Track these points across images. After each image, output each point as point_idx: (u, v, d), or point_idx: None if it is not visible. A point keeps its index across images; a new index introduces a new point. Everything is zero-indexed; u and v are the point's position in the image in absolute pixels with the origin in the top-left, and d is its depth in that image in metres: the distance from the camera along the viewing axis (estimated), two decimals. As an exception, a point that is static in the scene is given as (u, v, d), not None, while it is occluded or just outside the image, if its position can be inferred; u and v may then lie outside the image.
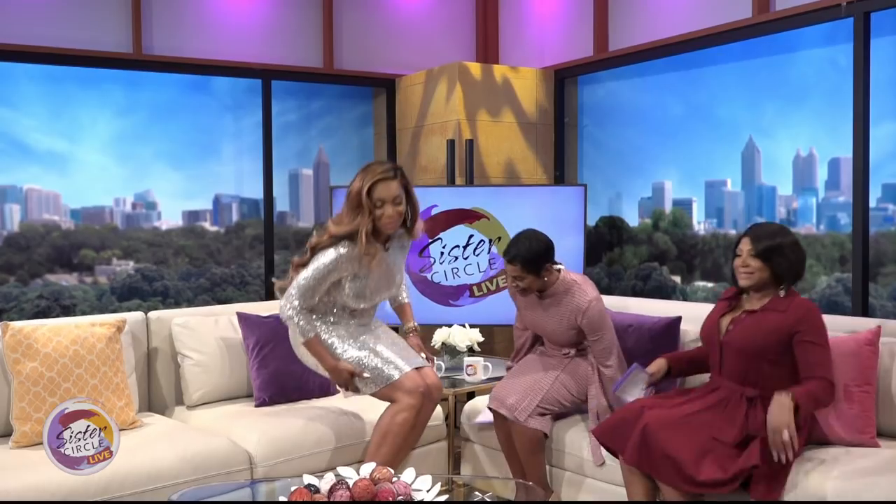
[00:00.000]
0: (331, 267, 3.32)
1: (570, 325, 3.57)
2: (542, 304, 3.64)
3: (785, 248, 3.12)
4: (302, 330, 3.37)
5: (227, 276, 5.16)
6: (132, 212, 4.88)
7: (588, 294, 3.54)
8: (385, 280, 3.50)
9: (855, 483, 2.85)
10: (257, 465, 3.42)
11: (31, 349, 3.33)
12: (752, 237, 3.16)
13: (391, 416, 3.40)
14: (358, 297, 3.44)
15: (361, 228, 3.25)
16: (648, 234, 5.02)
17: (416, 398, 3.40)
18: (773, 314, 3.11)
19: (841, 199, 4.16)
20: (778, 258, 3.12)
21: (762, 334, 3.10)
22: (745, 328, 3.16)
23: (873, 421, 3.21)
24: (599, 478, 3.45)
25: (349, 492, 2.49)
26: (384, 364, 3.43)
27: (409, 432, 3.42)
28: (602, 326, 3.53)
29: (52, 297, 4.61)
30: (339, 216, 3.37)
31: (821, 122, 4.20)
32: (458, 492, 3.77)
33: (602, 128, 5.29)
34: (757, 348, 3.11)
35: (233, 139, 5.14)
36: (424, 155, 5.36)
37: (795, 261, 3.14)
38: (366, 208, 3.27)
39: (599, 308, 3.54)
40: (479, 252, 4.76)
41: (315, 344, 3.39)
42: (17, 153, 4.50)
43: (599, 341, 3.54)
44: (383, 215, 3.31)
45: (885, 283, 4.01)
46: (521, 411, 3.50)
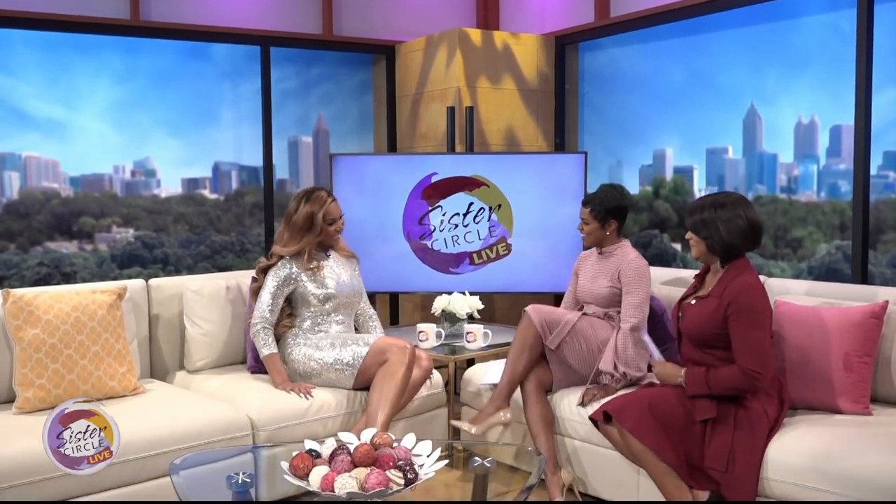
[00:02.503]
0: (282, 282, 3.77)
1: (614, 281, 3.70)
2: (597, 265, 3.81)
3: (715, 221, 3.09)
4: (265, 344, 3.71)
5: (226, 243, 5.16)
6: (131, 179, 4.87)
7: (635, 254, 3.75)
8: (345, 282, 3.88)
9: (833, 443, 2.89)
10: (259, 431, 3.44)
11: (33, 316, 3.34)
12: (686, 210, 3.17)
13: (384, 376, 3.54)
14: (322, 298, 3.79)
15: (307, 247, 3.79)
16: (649, 202, 5.01)
17: (401, 349, 3.58)
18: (713, 301, 3.11)
19: (842, 166, 4.15)
20: (705, 232, 3.10)
21: (703, 322, 3.12)
22: (691, 316, 3.19)
23: (868, 391, 3.23)
24: (596, 442, 3.48)
25: (350, 457, 2.52)
26: (355, 345, 3.68)
27: (405, 386, 3.57)
28: (639, 284, 3.64)
29: (52, 265, 4.61)
30: (283, 238, 3.83)
31: (823, 88, 4.18)
32: (457, 457, 3.81)
33: (603, 95, 5.26)
34: (702, 337, 3.14)
35: (232, 106, 5.12)
36: (424, 122, 5.34)
37: (727, 234, 3.07)
38: (317, 227, 3.79)
39: (641, 267, 3.68)
40: (479, 219, 4.76)
41: (271, 361, 3.72)
42: (15, 120, 4.48)
43: (631, 295, 3.64)
44: (335, 230, 3.87)
45: (884, 250, 4.01)
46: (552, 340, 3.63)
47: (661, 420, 3.04)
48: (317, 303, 3.80)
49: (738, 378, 3.01)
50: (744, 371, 3.00)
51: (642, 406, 3.07)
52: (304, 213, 3.79)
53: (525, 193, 4.72)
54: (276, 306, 3.76)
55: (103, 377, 3.45)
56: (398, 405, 3.56)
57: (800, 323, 3.32)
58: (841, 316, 3.27)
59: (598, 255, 3.85)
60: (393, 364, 3.56)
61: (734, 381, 3.02)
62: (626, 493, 3.40)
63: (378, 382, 3.55)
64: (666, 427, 3.03)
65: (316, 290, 3.79)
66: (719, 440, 2.99)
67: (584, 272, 3.90)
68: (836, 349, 3.23)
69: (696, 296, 3.23)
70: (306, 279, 3.79)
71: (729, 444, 2.97)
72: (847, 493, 2.73)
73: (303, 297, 3.81)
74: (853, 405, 3.19)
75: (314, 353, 3.72)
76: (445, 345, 4.32)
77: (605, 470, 3.48)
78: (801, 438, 2.96)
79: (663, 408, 3.06)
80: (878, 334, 3.25)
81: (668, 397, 3.10)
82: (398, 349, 3.60)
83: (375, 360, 3.62)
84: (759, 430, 2.98)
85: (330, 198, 3.86)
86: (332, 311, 3.84)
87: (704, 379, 3.06)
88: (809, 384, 3.26)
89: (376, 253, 4.78)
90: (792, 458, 2.89)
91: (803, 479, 2.84)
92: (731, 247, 3.10)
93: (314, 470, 2.49)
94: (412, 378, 3.65)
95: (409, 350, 3.61)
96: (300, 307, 3.84)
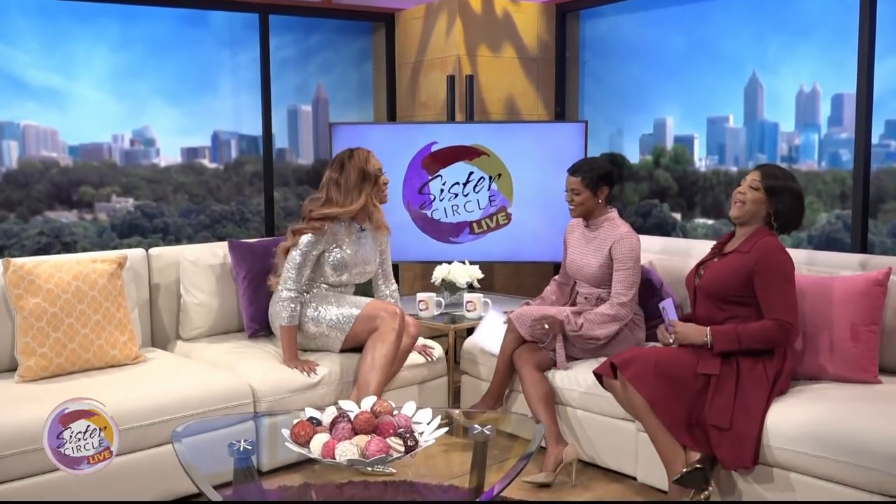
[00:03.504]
0: (312, 246, 3.69)
1: (606, 258, 3.64)
2: (586, 237, 3.74)
3: (792, 191, 3.16)
4: (290, 315, 3.64)
5: (226, 212, 5.15)
6: (130, 148, 4.86)
7: (626, 227, 3.67)
8: (362, 260, 3.82)
9: (833, 411, 2.90)
10: (260, 399, 3.46)
11: (34, 285, 3.35)
12: (764, 172, 3.20)
13: (374, 342, 3.56)
14: (337, 268, 3.74)
15: (369, 201, 3.76)
16: (649, 171, 5.00)
17: (392, 314, 3.58)
18: (738, 255, 3.16)
19: (843, 135, 4.13)
20: (782, 197, 3.14)
21: (725, 277, 3.16)
22: (713, 272, 3.22)
23: (876, 359, 3.24)
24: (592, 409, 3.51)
25: (351, 424, 2.53)
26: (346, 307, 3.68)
27: (396, 352, 3.59)
28: (630, 260, 3.60)
29: (52, 234, 4.61)
30: (337, 200, 3.73)
31: (825, 56, 4.16)
32: (457, 425, 3.83)
33: (604, 63, 5.23)
34: (721, 291, 3.17)
35: (230, 75, 5.09)
36: (424, 91, 5.31)
37: (795, 208, 3.17)
38: (372, 178, 3.75)
39: (634, 243, 3.62)
40: (479, 189, 4.75)
41: (289, 333, 3.66)
42: (13, 89, 4.46)
43: (623, 272, 3.59)
44: (384, 182, 3.81)
45: (884, 219, 4.01)
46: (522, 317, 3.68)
47: (665, 375, 3.07)
48: (331, 272, 3.77)
49: (771, 330, 3.05)
50: (778, 323, 3.05)
51: (648, 360, 3.11)
52: (354, 168, 3.75)
53: (525, 163, 4.71)
54: (305, 273, 3.72)
55: (105, 346, 3.46)
56: (389, 371, 3.57)
57: (805, 293, 3.31)
58: (846, 285, 3.28)
59: (584, 228, 3.77)
60: (384, 331, 3.57)
61: (767, 333, 3.06)
62: (626, 460, 3.44)
63: (369, 349, 3.57)
64: (668, 382, 3.06)
65: (331, 274, 3.76)
66: (722, 398, 3.02)
67: (571, 246, 3.83)
68: (842, 319, 3.24)
69: (720, 255, 3.26)
70: (331, 257, 3.74)
71: (731, 402, 3.00)
72: (844, 459, 2.75)
73: (319, 263, 3.77)
74: (862, 374, 3.21)
75: (306, 311, 3.71)
76: (445, 314, 4.34)
77: (603, 437, 3.50)
78: (802, 406, 2.98)
79: (668, 363, 3.10)
80: (883, 303, 3.26)
81: (676, 355, 3.14)
82: (388, 315, 3.60)
83: (366, 325, 3.63)
84: (762, 390, 3.02)
85: (369, 152, 3.82)
86: (347, 282, 3.83)
87: (735, 334, 3.08)
88: (817, 354, 3.27)
89: (376, 222, 4.78)
90: (790, 426, 2.91)
91: (800, 447, 2.86)
92: (791, 221, 3.19)
93: (315, 437, 2.50)
94: (402, 344, 3.67)
95: (400, 315, 3.62)
96: (314, 273, 3.79)
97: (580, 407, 3.57)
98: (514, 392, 3.86)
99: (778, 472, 2.93)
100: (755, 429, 2.95)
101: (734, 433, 2.97)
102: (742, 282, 3.12)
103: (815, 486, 2.84)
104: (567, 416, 3.62)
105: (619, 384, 3.19)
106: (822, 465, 2.81)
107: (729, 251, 3.22)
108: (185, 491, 3.18)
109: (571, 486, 3.38)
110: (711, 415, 3.02)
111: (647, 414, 3.10)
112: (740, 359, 3.10)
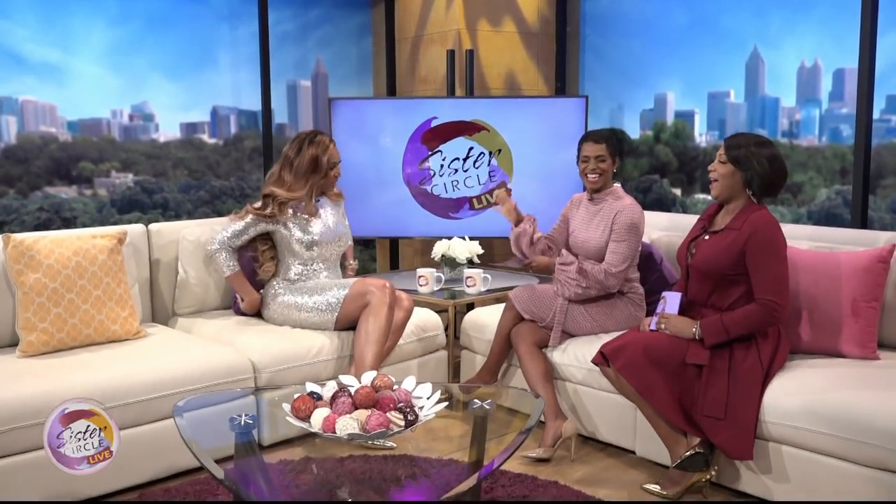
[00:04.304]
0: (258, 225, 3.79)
1: (608, 230, 3.61)
2: (590, 211, 3.71)
3: (759, 156, 3.08)
4: (226, 265, 3.78)
5: (226, 188, 5.14)
6: (129, 123, 4.84)
7: (630, 200, 3.65)
8: (330, 228, 3.88)
9: (829, 385, 2.92)
10: (261, 374, 3.48)
11: (34, 260, 3.35)
12: (728, 143, 3.15)
13: (367, 317, 3.57)
14: (307, 244, 3.81)
15: (313, 190, 3.83)
16: (649, 146, 4.99)
17: (381, 288, 3.60)
18: (730, 233, 3.12)
19: (844, 110, 4.12)
20: (749, 165, 3.08)
21: (718, 255, 3.12)
22: (704, 250, 3.18)
23: (876, 335, 3.25)
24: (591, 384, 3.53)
25: (351, 399, 2.55)
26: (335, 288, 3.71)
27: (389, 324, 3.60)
28: (627, 232, 3.57)
29: (52, 210, 4.60)
30: (285, 182, 3.81)
31: (827, 31, 4.13)
32: (457, 399, 3.85)
33: (604, 37, 5.20)
34: (714, 270, 3.14)
35: (229, 49, 5.06)
36: (424, 65, 5.28)
37: (769, 172, 3.08)
38: (322, 170, 3.81)
39: (634, 216, 3.58)
40: (479, 164, 4.74)
41: (235, 279, 3.81)
42: (11, 64, 4.43)
43: (618, 244, 3.57)
44: (335, 175, 3.89)
45: (884, 195, 4.01)
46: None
47: (656, 362, 3.06)
48: (302, 249, 3.82)
49: (756, 314, 3.03)
50: (763, 304, 3.02)
51: (637, 347, 3.10)
52: (309, 156, 3.80)
53: (525, 138, 4.70)
54: (242, 238, 3.80)
55: (105, 321, 3.47)
56: (384, 344, 3.58)
57: (807, 268, 3.31)
58: (848, 261, 3.27)
59: (588, 202, 3.75)
60: (375, 305, 3.58)
61: (753, 317, 3.04)
62: (623, 435, 3.46)
63: (362, 324, 3.58)
64: (659, 371, 3.06)
65: (301, 235, 3.81)
66: (715, 390, 3.01)
67: (575, 220, 3.79)
68: (843, 294, 3.24)
69: (710, 231, 3.23)
70: (293, 226, 3.80)
71: (725, 393, 2.99)
72: (842, 435, 2.76)
73: (287, 243, 3.82)
74: (860, 350, 3.22)
75: (295, 299, 3.76)
76: (445, 289, 4.35)
77: (602, 412, 3.52)
78: (800, 381, 2.99)
79: (658, 351, 3.09)
80: (885, 279, 3.26)
81: (666, 342, 3.12)
82: (378, 289, 3.61)
83: (356, 302, 3.64)
84: (756, 376, 3.01)
85: (331, 142, 3.87)
86: (318, 257, 3.86)
87: (721, 324, 3.06)
88: (816, 329, 3.27)
89: (376, 198, 4.78)
90: (788, 401, 2.92)
91: (797, 421, 2.87)
92: (770, 184, 3.11)
93: (316, 412, 2.52)
94: (395, 320, 3.68)
95: (389, 288, 3.63)
96: (285, 255, 3.86)
97: (579, 382, 3.58)
98: (513, 367, 3.87)
99: (775, 447, 2.95)
100: (753, 418, 2.95)
101: (730, 422, 2.96)
102: (735, 260, 3.09)
103: (812, 461, 2.86)
104: (566, 392, 3.64)
105: (612, 372, 3.19)
106: (819, 441, 2.83)
107: (720, 228, 3.18)
108: (187, 465, 3.20)
109: (571, 461, 3.40)
110: (706, 406, 3.01)
111: (642, 402, 3.11)
112: (733, 347, 3.08)
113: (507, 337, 3.75)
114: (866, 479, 2.73)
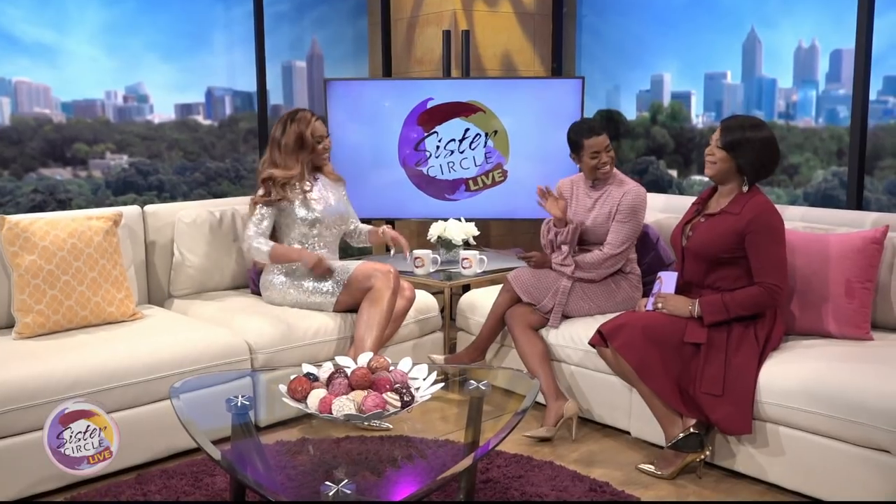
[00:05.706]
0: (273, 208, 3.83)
1: (611, 213, 3.63)
2: (591, 196, 3.72)
3: (752, 141, 3.09)
4: (258, 252, 3.75)
5: (221, 170, 5.13)
6: (124, 105, 4.82)
7: (634, 183, 3.68)
8: (331, 206, 3.91)
9: (825, 366, 2.93)
10: (257, 355, 3.48)
11: (29, 242, 3.34)
12: (723, 127, 3.16)
13: (370, 302, 3.58)
14: (309, 221, 3.82)
15: (304, 165, 3.85)
16: (646, 128, 4.98)
17: (385, 273, 3.61)
18: (728, 217, 3.14)
19: (841, 91, 4.11)
20: (742, 151, 3.10)
21: (715, 238, 3.14)
22: (701, 233, 3.20)
23: (869, 316, 3.26)
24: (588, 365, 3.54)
25: (347, 380, 2.55)
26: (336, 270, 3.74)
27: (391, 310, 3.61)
28: (633, 215, 3.60)
29: (47, 192, 4.59)
30: (278, 162, 3.84)
31: (825, 11, 4.12)
32: (453, 381, 3.86)
33: (601, 18, 5.18)
34: (711, 253, 3.15)
35: (224, 30, 5.03)
36: (420, 46, 5.26)
37: (761, 157, 3.10)
38: (309, 145, 3.83)
39: (639, 200, 3.61)
40: (475, 146, 4.73)
41: (278, 254, 3.76)
42: (4, 44, 4.40)
43: (619, 224, 3.60)
44: (323, 148, 3.89)
45: (881, 176, 4.01)
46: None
47: (654, 342, 3.08)
48: (304, 227, 3.83)
49: (759, 296, 3.06)
50: (765, 287, 3.05)
51: (635, 327, 3.11)
52: (293, 133, 3.84)
53: (521, 119, 4.69)
54: (264, 224, 3.82)
55: (101, 303, 3.47)
56: (384, 329, 3.59)
57: (801, 249, 3.32)
58: (842, 242, 3.28)
59: (590, 188, 3.74)
60: (378, 290, 3.59)
61: (755, 298, 3.06)
62: (620, 416, 3.47)
63: (364, 309, 3.59)
64: (657, 350, 3.07)
65: (304, 213, 3.82)
66: (713, 367, 3.03)
67: (573, 206, 3.77)
68: (837, 275, 3.25)
69: (706, 214, 3.24)
70: (298, 204, 3.82)
71: (722, 370, 3.01)
72: (836, 415, 2.78)
73: (289, 220, 3.84)
74: (854, 331, 3.23)
75: (295, 279, 3.78)
76: (441, 271, 4.35)
77: (598, 394, 3.54)
78: (795, 362, 3.00)
79: (657, 330, 3.10)
80: (878, 260, 3.27)
81: (665, 321, 3.14)
82: (382, 274, 3.62)
83: (359, 285, 3.65)
84: (752, 354, 3.02)
85: (314, 116, 3.89)
86: (318, 235, 3.87)
87: (722, 304, 3.08)
88: (810, 310, 3.28)
89: (371, 179, 4.77)
90: (783, 381, 2.93)
91: (793, 402, 2.89)
92: (763, 168, 3.13)
93: (312, 393, 2.52)
94: (396, 308, 3.69)
95: (394, 274, 3.64)
96: (286, 232, 3.88)
97: (574, 363, 3.60)
98: (505, 347, 3.88)
99: (770, 427, 2.96)
100: (750, 394, 2.97)
101: (728, 398, 2.98)
102: (733, 243, 3.11)
103: (807, 441, 2.88)
104: (562, 373, 3.65)
105: (609, 352, 3.21)
106: (814, 421, 2.84)
107: (716, 211, 3.19)
108: (184, 446, 3.21)
109: (572, 441, 3.42)
110: (703, 384, 3.03)
111: (639, 382, 3.12)
112: (732, 325, 3.10)
113: (500, 318, 3.75)
114: (860, 458, 2.74)
